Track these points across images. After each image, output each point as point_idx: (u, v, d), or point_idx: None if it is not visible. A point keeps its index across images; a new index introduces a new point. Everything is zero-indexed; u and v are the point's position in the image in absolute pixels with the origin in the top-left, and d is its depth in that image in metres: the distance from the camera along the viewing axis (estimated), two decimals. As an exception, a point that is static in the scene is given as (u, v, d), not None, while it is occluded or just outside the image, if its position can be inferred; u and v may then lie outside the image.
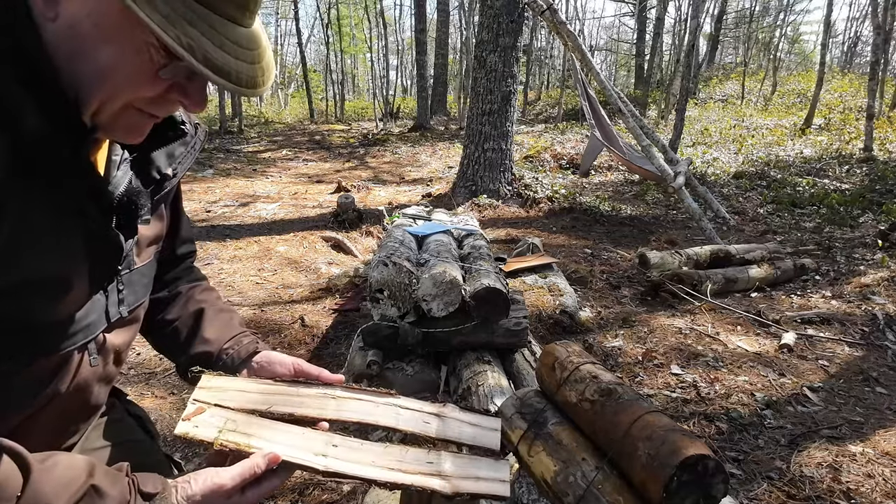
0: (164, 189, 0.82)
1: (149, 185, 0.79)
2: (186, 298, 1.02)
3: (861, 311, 3.75)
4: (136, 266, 0.81)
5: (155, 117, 0.70)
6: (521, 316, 2.72)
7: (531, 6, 6.92)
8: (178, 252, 1.03)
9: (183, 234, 1.02)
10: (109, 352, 0.80)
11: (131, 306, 0.82)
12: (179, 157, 0.84)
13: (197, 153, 0.88)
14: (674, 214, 7.08)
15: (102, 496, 0.63)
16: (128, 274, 0.79)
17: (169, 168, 0.82)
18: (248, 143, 13.68)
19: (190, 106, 0.68)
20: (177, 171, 0.84)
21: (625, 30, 29.81)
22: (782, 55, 25.07)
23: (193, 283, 1.06)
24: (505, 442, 1.16)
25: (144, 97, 0.65)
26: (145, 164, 0.79)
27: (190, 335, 0.97)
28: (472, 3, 16.55)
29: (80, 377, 0.74)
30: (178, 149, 0.84)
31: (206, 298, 1.03)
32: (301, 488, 2.03)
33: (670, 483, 1.05)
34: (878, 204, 6.74)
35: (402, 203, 6.99)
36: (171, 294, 1.01)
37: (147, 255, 0.85)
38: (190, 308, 1.00)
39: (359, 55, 31.33)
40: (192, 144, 0.86)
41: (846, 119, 12.54)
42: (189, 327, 0.98)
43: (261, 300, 3.92)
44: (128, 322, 0.83)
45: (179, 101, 0.68)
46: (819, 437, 2.36)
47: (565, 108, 16.22)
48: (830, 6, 12.84)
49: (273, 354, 0.98)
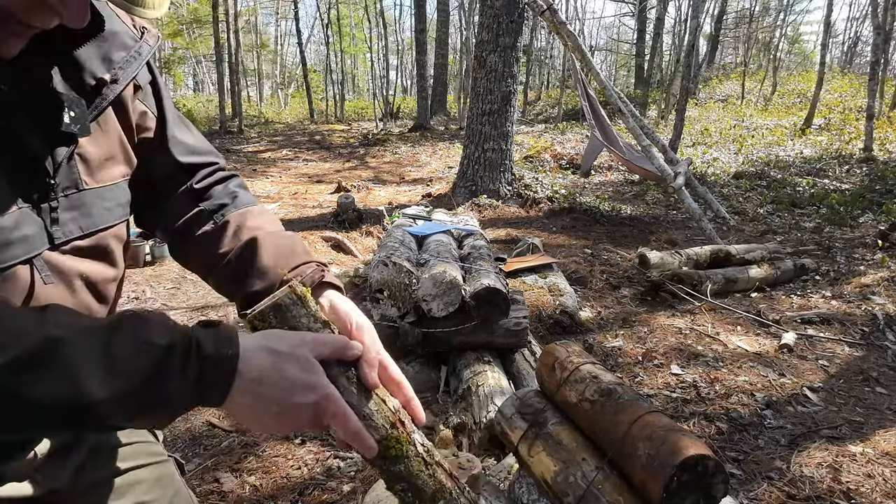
0: (104, 97, 0.75)
1: (82, 91, 0.72)
2: (237, 227, 0.89)
3: (861, 311, 3.75)
4: (89, 186, 0.74)
5: (29, 27, 0.61)
6: (521, 316, 2.72)
7: (531, 6, 6.92)
8: (181, 161, 0.91)
9: (181, 138, 0.91)
10: (73, 277, 0.73)
11: (86, 230, 0.74)
12: (119, 62, 0.77)
13: (144, 58, 0.79)
14: (674, 214, 7.08)
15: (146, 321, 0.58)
16: (76, 194, 0.73)
17: (107, 73, 0.75)
18: (248, 143, 13.69)
19: (66, 15, 0.61)
20: (117, 76, 0.76)
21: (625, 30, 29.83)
22: (782, 55, 25.08)
23: (242, 208, 0.92)
24: (505, 442, 1.16)
25: (12, 3, 0.58)
26: (73, 67, 0.72)
27: (247, 269, 0.84)
28: (472, 3, 16.57)
29: (39, 299, 0.68)
30: (116, 53, 0.77)
31: (259, 225, 0.90)
32: (301, 488, 2.03)
33: (670, 483, 1.05)
34: (878, 204, 6.74)
35: (402, 203, 6.99)
36: (218, 225, 0.89)
37: (108, 176, 0.77)
38: (242, 237, 0.88)
39: (359, 55, 31.36)
40: (135, 49, 0.79)
41: (846, 119, 12.55)
42: (244, 260, 0.85)
43: (261, 300, 3.91)
44: (93, 251, 0.76)
45: (52, 7, 0.60)
46: (819, 437, 2.36)
47: (565, 108, 16.23)
48: (830, 6, 12.85)
49: (340, 303, 0.82)
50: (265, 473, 2.11)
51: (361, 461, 2.16)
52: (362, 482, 2.03)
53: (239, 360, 0.59)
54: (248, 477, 2.09)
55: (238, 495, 2.00)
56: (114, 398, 0.53)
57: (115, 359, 0.54)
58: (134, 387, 0.54)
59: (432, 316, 2.59)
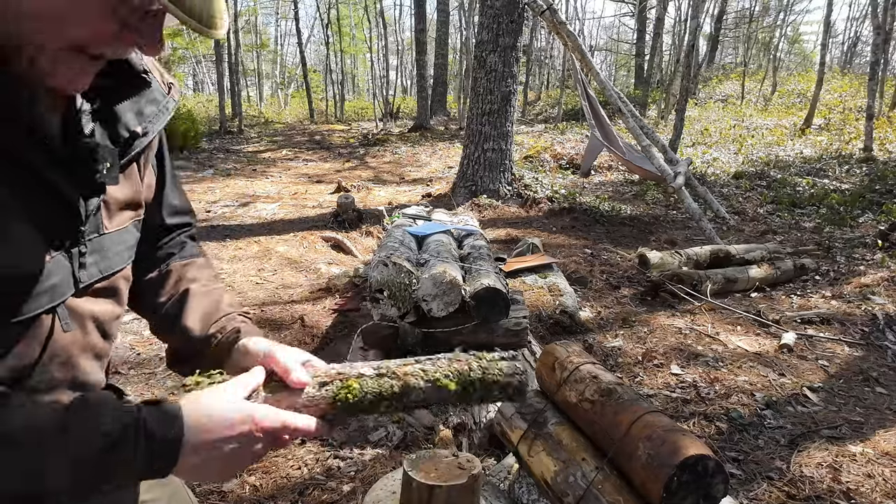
0: (133, 148, 0.79)
1: (116, 142, 0.76)
2: (177, 278, 0.94)
3: (861, 311, 3.75)
4: (108, 231, 0.78)
5: (99, 59, 0.65)
6: (521, 316, 2.72)
7: (531, 6, 6.92)
8: (167, 222, 0.96)
9: (171, 201, 0.96)
10: (86, 319, 0.76)
11: (104, 273, 0.78)
12: (150, 116, 0.81)
13: (170, 113, 0.84)
14: (674, 214, 7.09)
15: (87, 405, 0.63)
16: (97, 238, 0.76)
17: (139, 126, 0.79)
18: (248, 143, 13.69)
19: (144, 47, 0.64)
20: (147, 129, 0.80)
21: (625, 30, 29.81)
22: (782, 55, 25.08)
23: (186, 260, 0.97)
24: (505, 442, 1.16)
25: (92, 37, 0.61)
26: (111, 120, 0.76)
27: (174, 323, 0.90)
28: (472, 3, 16.55)
29: (55, 344, 0.71)
30: (147, 107, 0.80)
31: (195, 276, 0.95)
32: (301, 488, 2.03)
33: (670, 483, 1.05)
34: (878, 204, 6.74)
35: (402, 203, 6.99)
36: (161, 273, 0.94)
37: (121, 220, 0.81)
38: (179, 288, 0.93)
39: (359, 55, 31.32)
40: (163, 104, 0.83)
41: (846, 119, 12.54)
42: (174, 314, 0.90)
43: (261, 300, 3.92)
44: (106, 292, 0.79)
45: (131, 42, 0.63)
46: (819, 437, 2.36)
47: (565, 108, 16.22)
48: (830, 6, 12.85)
49: (254, 343, 0.87)
50: (265, 473, 2.11)
51: (361, 461, 2.16)
52: (362, 482, 2.03)
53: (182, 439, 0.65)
54: (248, 477, 2.09)
55: (238, 495, 2.00)
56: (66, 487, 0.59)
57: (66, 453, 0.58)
58: (85, 477, 0.59)
59: (432, 316, 2.59)
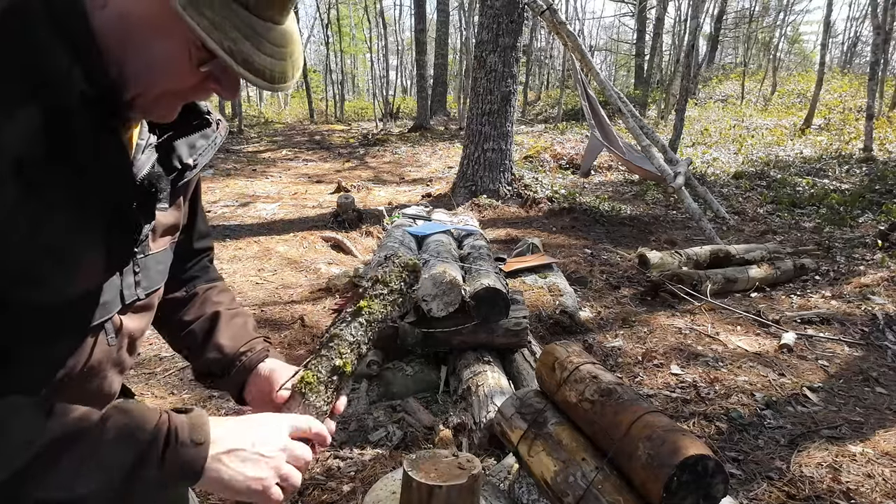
0: (184, 178, 0.86)
1: (170, 172, 0.83)
2: (203, 300, 1.04)
3: (861, 311, 3.75)
4: (152, 252, 0.83)
5: (187, 100, 0.75)
6: (521, 316, 2.72)
7: (531, 6, 6.92)
8: (195, 246, 1.05)
9: (200, 227, 1.05)
10: (125, 335, 0.82)
11: (146, 290, 0.84)
12: (200, 149, 0.87)
13: (216, 147, 0.91)
14: (674, 214, 7.09)
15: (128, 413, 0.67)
16: (143, 258, 0.82)
17: (190, 158, 0.85)
18: (248, 143, 13.69)
19: (223, 94, 0.73)
20: (197, 161, 0.87)
21: (625, 30, 29.82)
22: (782, 55, 25.07)
23: (210, 283, 1.08)
24: (505, 442, 1.16)
25: (182, 87, 0.70)
26: (169, 151, 0.82)
27: (205, 339, 1.00)
28: (472, 3, 16.55)
29: (94, 358, 0.76)
30: (199, 140, 0.87)
31: (221, 300, 1.05)
32: (301, 488, 2.03)
33: (670, 483, 1.05)
34: (877, 204, 6.74)
35: (402, 203, 6.99)
36: (188, 294, 1.04)
37: (162, 242, 0.87)
38: (206, 310, 1.03)
39: (359, 55, 31.31)
40: (212, 138, 0.89)
41: (846, 119, 12.54)
42: (205, 331, 1.01)
43: (261, 300, 3.92)
44: (143, 308, 0.85)
45: (214, 90, 0.72)
46: (819, 437, 2.36)
47: (565, 108, 16.22)
48: (830, 6, 12.85)
49: (276, 370, 0.99)
50: (265, 473, 2.11)
51: (361, 461, 2.16)
52: (362, 482, 2.03)
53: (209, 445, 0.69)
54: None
55: (238, 495, 2.00)
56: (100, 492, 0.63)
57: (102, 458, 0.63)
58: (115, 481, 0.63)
59: (432, 316, 2.59)
